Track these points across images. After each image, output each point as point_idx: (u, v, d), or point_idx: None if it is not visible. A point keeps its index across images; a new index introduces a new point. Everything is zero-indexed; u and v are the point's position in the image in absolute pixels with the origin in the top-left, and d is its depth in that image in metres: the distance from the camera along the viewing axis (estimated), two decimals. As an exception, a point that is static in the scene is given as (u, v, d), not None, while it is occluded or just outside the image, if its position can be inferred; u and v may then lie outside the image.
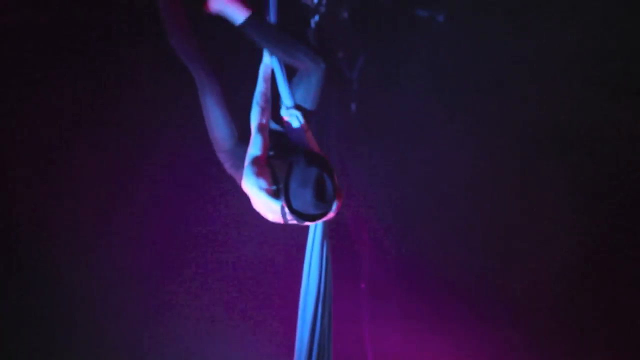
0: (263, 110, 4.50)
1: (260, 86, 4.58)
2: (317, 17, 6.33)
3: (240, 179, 4.42)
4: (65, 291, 6.23)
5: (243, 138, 4.52)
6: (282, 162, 4.35)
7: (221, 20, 4.64)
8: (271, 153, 4.47)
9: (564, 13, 6.43)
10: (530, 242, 6.48)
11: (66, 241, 6.20)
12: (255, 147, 4.38)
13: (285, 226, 4.45)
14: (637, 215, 6.38)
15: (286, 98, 4.61)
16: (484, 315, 6.45)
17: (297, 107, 4.62)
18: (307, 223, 4.34)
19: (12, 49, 6.24)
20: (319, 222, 4.77)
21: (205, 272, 6.45)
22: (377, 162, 6.56)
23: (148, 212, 6.37)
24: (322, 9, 6.31)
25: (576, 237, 6.40)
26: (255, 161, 4.33)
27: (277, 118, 4.66)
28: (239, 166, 4.46)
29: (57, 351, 6.22)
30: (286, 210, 4.23)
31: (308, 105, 4.64)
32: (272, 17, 4.67)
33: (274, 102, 4.66)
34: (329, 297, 4.93)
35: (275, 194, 4.27)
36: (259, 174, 4.29)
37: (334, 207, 4.24)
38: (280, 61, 4.59)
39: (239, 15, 4.55)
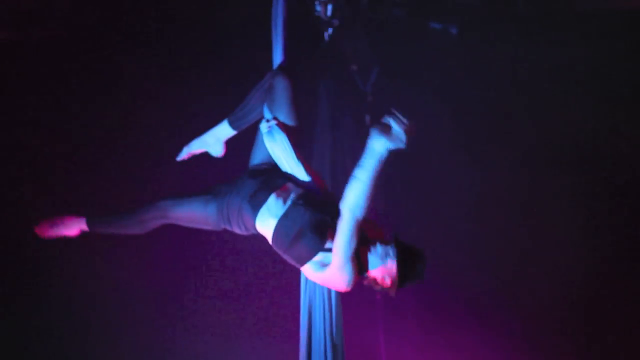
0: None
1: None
2: (330, 30, 6.37)
3: (251, 221, 4.11)
4: (77, 299, 6.30)
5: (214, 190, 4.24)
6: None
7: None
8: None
9: (572, 29, 6.45)
10: (544, 256, 6.46)
11: (79, 252, 6.26)
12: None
13: None
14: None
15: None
16: (499, 328, 6.42)
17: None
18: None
19: (24, 62, 6.37)
20: None
21: (218, 282, 6.49)
22: (390, 173, 6.55)
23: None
24: (336, 22, 6.35)
25: (587, 249, 6.39)
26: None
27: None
28: (242, 207, 4.13)
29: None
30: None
31: (288, 120, 4.24)
32: (279, 52, 4.54)
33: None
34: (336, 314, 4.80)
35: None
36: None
37: None
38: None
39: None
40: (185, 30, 6.53)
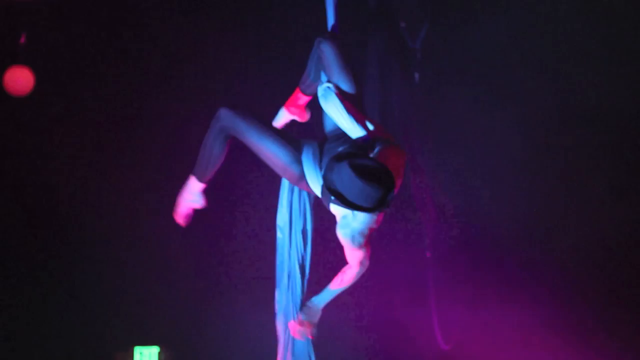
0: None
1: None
2: (379, -13, 6.35)
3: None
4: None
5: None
6: None
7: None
8: None
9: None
10: (591, 216, 6.46)
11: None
12: None
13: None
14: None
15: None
16: (549, 284, 6.45)
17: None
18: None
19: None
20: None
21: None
22: (440, 130, 6.57)
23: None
24: (385, -21, 6.32)
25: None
26: None
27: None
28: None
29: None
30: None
31: (342, 82, 4.34)
32: (331, 12, 4.68)
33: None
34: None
35: None
36: None
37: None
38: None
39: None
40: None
